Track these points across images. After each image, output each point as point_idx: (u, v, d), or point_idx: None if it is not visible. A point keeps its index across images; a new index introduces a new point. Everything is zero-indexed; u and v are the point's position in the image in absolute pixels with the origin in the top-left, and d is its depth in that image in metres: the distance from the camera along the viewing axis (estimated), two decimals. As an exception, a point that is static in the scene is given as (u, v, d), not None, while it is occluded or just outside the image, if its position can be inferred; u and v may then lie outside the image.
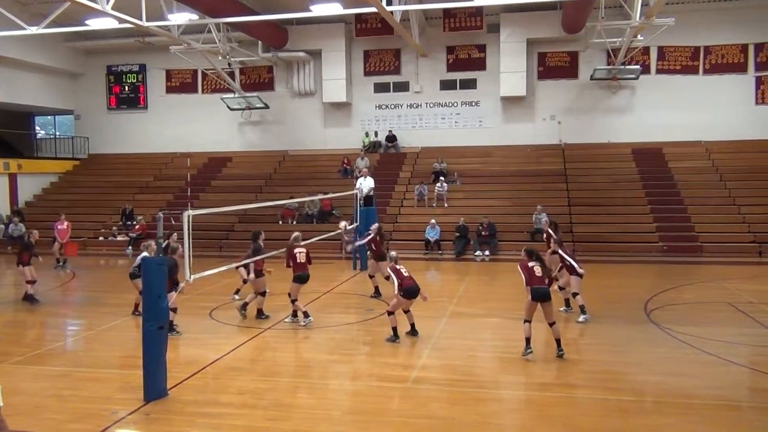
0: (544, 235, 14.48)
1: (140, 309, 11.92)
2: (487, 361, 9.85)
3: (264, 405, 7.76)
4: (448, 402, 7.79)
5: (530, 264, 9.63)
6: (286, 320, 11.93)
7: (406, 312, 10.64)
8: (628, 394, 8.10)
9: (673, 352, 9.83)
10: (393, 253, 11.14)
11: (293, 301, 11.69)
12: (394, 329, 10.47)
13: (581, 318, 11.78)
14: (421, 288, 10.46)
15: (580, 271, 11.91)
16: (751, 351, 10.00)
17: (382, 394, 8.11)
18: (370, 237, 14.42)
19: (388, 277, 12.80)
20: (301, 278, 11.67)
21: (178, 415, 7.41)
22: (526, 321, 9.54)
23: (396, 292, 10.34)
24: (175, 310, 10.73)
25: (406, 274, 10.46)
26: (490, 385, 8.64)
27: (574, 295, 12.03)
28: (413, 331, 10.70)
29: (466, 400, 7.85)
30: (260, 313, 12.34)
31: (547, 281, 9.71)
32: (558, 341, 9.52)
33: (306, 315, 11.67)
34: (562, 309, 12.35)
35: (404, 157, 28.10)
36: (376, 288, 14.32)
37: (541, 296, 9.45)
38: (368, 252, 15.23)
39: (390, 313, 10.53)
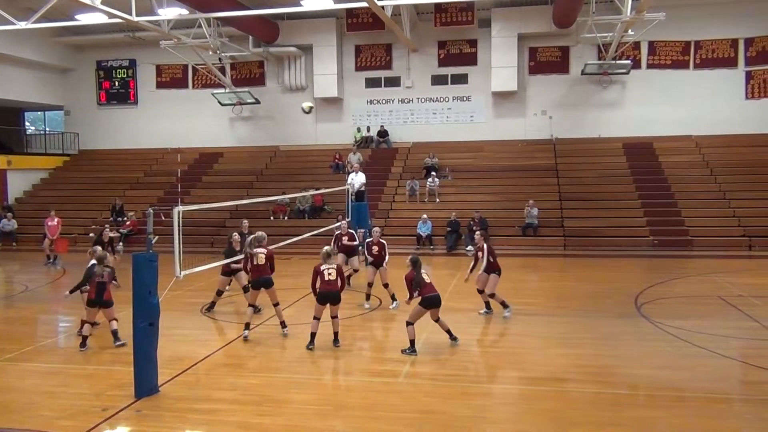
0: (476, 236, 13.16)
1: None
2: (478, 356, 9.87)
3: (256, 401, 7.74)
4: (439, 396, 7.80)
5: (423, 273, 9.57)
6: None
7: (436, 320, 9.85)
8: (620, 387, 8.14)
9: (664, 345, 9.88)
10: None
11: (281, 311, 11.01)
12: (412, 342, 9.60)
13: (506, 313, 11.65)
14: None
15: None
16: (741, 344, 10.07)
17: (374, 389, 8.12)
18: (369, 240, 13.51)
19: (386, 285, 12.81)
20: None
21: (169, 412, 7.39)
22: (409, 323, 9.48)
23: (407, 300, 9.81)
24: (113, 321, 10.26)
25: (428, 281, 9.61)
26: (481, 380, 8.66)
27: (492, 296, 11.75)
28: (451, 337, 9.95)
29: (458, 394, 7.86)
30: (212, 306, 12.56)
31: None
32: (448, 331, 9.79)
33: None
34: (482, 311, 11.99)
35: (396, 152, 28.09)
36: (368, 295, 13.42)
37: (433, 303, 9.56)
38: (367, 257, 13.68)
39: (409, 323, 9.62)
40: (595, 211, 22.90)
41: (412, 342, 9.49)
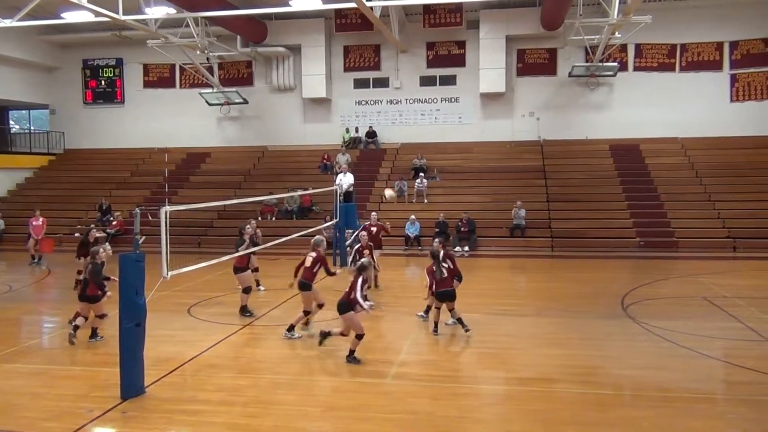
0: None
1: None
2: (466, 357, 9.89)
3: (243, 402, 7.71)
4: (427, 397, 7.80)
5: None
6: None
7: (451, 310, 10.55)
8: (606, 387, 8.18)
9: (650, 346, 9.95)
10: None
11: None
12: (435, 324, 10.70)
13: (450, 321, 10.95)
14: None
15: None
16: (726, 344, 10.16)
17: (362, 390, 8.11)
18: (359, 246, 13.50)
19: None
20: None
21: (155, 413, 7.34)
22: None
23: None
24: (103, 316, 10.37)
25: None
26: (469, 380, 8.68)
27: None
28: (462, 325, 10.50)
29: (446, 395, 7.87)
30: (245, 310, 12.21)
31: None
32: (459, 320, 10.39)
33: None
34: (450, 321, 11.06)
35: (384, 153, 28.10)
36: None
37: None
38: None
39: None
40: (583, 212, 23.04)
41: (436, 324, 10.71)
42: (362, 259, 9.86)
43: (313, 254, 10.55)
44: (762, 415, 7.23)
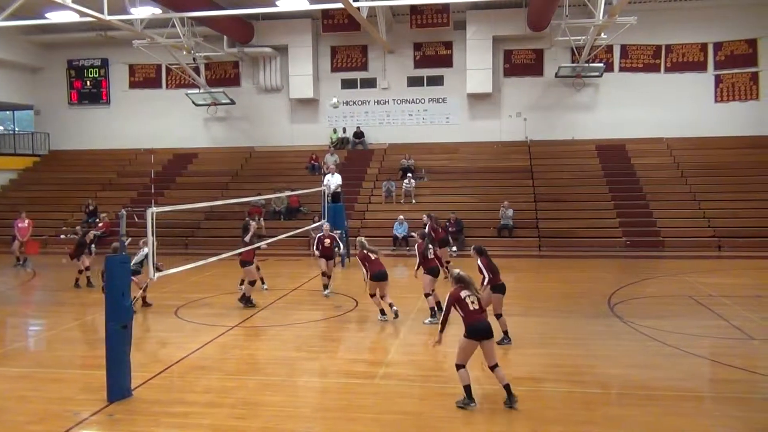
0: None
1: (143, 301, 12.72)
2: (453, 356, 9.87)
3: (231, 403, 7.69)
4: (416, 397, 7.82)
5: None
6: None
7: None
8: (593, 386, 8.24)
9: (636, 344, 10.03)
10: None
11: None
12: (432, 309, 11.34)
13: (427, 321, 11.32)
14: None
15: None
16: (711, 342, 10.25)
17: (350, 390, 8.11)
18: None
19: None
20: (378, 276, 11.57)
21: (142, 415, 7.30)
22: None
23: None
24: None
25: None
26: (457, 380, 8.67)
27: (426, 295, 11.69)
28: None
29: (434, 395, 7.89)
30: (248, 301, 12.87)
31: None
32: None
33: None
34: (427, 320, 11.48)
35: (372, 153, 28.09)
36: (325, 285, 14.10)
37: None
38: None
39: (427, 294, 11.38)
40: (569, 212, 23.15)
41: (432, 309, 11.22)
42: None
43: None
44: (747, 412, 7.31)
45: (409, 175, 25.07)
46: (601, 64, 25.87)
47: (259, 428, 6.98)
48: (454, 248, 21.48)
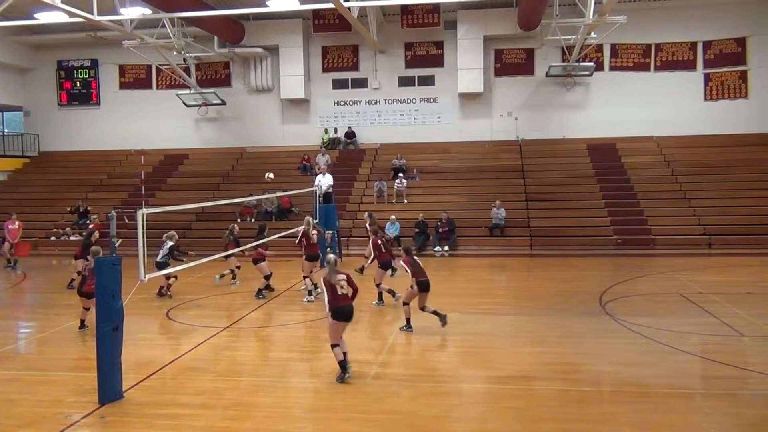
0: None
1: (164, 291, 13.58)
2: (445, 356, 9.93)
3: (223, 405, 7.67)
4: (407, 397, 7.82)
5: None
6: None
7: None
8: (585, 384, 8.27)
9: (628, 342, 10.06)
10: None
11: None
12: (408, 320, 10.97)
13: (376, 302, 13.03)
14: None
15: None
16: (702, 340, 10.29)
17: (342, 390, 8.10)
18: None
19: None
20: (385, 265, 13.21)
21: (134, 417, 7.27)
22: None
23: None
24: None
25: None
26: (449, 379, 8.71)
27: (378, 285, 13.16)
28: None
29: (426, 394, 7.89)
30: (260, 292, 13.86)
31: None
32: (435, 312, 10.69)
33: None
34: (374, 303, 13.12)
35: (363, 153, 28.09)
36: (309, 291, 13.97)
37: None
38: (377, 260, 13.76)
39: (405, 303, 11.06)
40: (561, 211, 23.23)
41: (408, 320, 10.84)
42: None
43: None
44: (738, 409, 7.35)
45: (401, 175, 25.08)
46: (592, 64, 25.98)
47: (252, 429, 6.96)
48: (446, 248, 21.55)
